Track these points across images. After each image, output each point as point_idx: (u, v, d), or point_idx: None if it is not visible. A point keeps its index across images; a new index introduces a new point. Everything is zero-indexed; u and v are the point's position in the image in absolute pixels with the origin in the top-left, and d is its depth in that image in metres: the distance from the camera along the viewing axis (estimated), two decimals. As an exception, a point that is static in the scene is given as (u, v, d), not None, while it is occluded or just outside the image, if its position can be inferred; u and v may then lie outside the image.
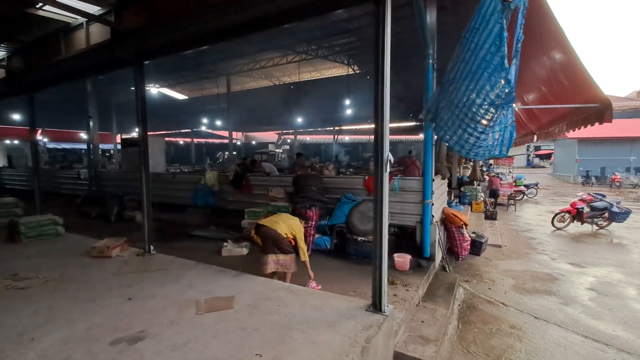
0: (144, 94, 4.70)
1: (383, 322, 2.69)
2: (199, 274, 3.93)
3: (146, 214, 4.76)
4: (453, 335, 3.62)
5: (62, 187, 12.55)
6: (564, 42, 4.80)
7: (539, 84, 6.60)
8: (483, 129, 3.99)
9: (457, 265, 5.88)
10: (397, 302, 3.72)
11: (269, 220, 4.20)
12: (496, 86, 3.67)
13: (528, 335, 3.65)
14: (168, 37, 4.12)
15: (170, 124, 30.99)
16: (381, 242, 2.81)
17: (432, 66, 5.06)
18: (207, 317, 2.85)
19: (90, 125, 11.67)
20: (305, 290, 3.39)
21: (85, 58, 5.35)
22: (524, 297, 4.71)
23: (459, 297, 4.57)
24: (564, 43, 4.79)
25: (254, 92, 20.90)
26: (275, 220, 4.20)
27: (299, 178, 6.20)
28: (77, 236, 6.05)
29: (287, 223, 4.19)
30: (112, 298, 3.35)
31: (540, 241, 7.92)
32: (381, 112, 2.73)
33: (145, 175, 4.69)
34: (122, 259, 4.60)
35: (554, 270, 5.84)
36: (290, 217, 4.36)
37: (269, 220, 4.21)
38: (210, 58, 13.62)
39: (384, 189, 2.76)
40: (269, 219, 4.23)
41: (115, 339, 2.55)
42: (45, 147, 27.04)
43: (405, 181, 5.56)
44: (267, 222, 4.17)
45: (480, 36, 3.74)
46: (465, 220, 5.92)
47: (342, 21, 9.86)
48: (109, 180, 10.97)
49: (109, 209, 8.94)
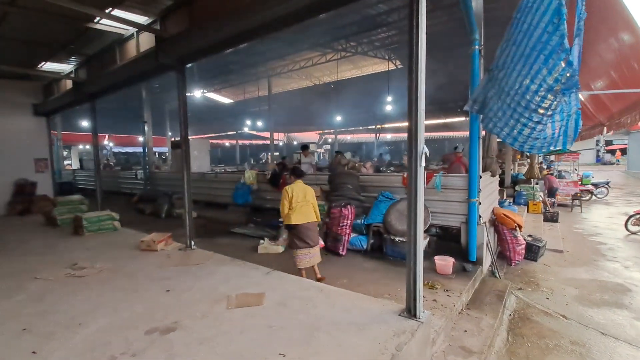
0: (185, 97, 4.91)
1: (417, 329, 2.47)
2: (233, 270, 3.99)
3: (187, 211, 4.97)
4: (501, 348, 3.24)
5: (122, 187, 13.84)
6: (632, 22, 4.18)
7: (608, 69, 5.79)
8: (540, 119, 3.57)
9: (508, 271, 5.33)
10: (437, 308, 3.43)
11: (302, 215, 4.11)
12: (555, 69, 3.25)
13: (593, 353, 3.15)
14: (206, 39, 4.26)
15: (217, 127, 32.72)
16: (415, 241, 2.59)
17: (478, 52, 4.66)
18: (237, 312, 2.86)
19: (145, 130, 12.66)
20: (336, 291, 3.26)
21: (135, 66, 5.76)
22: (589, 310, 4.10)
23: (509, 306, 4.12)
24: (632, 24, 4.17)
25: (294, 92, 21.23)
26: (307, 212, 4.14)
27: (334, 176, 6.09)
28: (131, 231, 6.55)
29: (315, 206, 4.20)
30: (153, 289, 3.52)
31: (611, 247, 6.92)
32: (415, 100, 2.51)
33: (187, 174, 4.90)
34: (165, 253, 4.86)
35: (627, 280, 5.04)
36: (309, 191, 4.24)
37: (302, 214, 4.11)
38: (251, 60, 14.05)
39: (418, 183, 2.54)
40: (302, 213, 4.11)
41: (151, 329, 2.65)
42: (112, 151, 30.12)
43: (448, 178, 5.18)
44: (302, 218, 4.10)
45: (535, 15, 3.34)
46: (519, 221, 5.35)
47: (381, 14, 9.55)
48: (161, 180, 11.84)
49: (160, 207, 9.62)
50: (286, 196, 4.08)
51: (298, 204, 4.09)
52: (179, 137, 5.75)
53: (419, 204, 2.57)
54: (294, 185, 4.20)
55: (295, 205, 4.08)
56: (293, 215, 4.08)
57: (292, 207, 4.08)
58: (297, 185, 4.21)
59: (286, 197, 4.08)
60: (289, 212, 4.09)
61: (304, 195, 4.16)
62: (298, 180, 4.29)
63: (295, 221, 4.08)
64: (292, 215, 4.08)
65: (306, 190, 4.23)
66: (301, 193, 4.16)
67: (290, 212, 4.08)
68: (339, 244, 5.34)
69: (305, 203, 4.15)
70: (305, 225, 4.12)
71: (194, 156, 10.70)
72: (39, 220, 7.77)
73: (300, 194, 4.14)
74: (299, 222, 4.09)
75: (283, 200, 4.09)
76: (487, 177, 5.47)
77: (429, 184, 5.29)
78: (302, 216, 4.11)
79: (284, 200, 4.08)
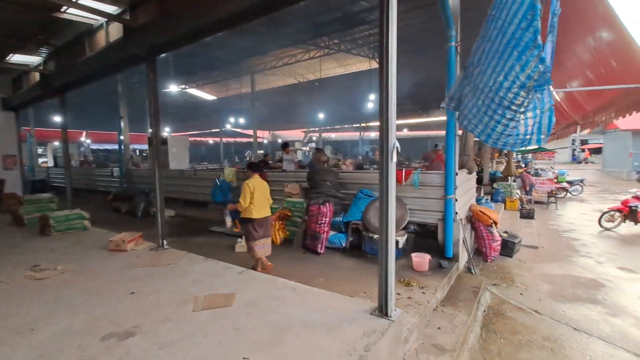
0: (156, 90, 4.72)
1: (388, 328, 2.41)
2: (205, 270, 3.86)
3: (159, 209, 4.79)
4: (474, 345, 3.24)
5: (98, 185, 13.36)
6: (611, 18, 4.19)
7: (584, 69, 5.90)
8: (513, 115, 3.56)
9: (484, 267, 5.38)
10: (411, 305, 3.40)
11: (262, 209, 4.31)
12: (528, 66, 3.24)
13: (565, 349, 3.18)
14: (177, 29, 4.09)
15: (200, 124, 32.10)
16: (387, 238, 2.53)
17: (455, 49, 4.64)
18: (203, 314, 2.73)
19: (121, 125, 12.22)
20: (310, 290, 3.18)
21: (104, 57, 5.51)
22: (563, 306, 4.17)
23: (484, 303, 4.14)
24: (612, 19, 4.18)
25: (278, 90, 21.02)
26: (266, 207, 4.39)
27: (313, 173, 6.01)
28: (101, 230, 6.28)
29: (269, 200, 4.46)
30: (117, 291, 3.34)
31: (585, 243, 7.12)
32: (386, 93, 2.45)
33: (158, 170, 4.71)
34: (136, 253, 4.66)
35: (600, 276, 5.17)
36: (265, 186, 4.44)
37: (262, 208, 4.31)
38: (233, 56, 13.78)
39: (389, 179, 2.48)
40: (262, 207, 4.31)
41: (108, 334, 2.49)
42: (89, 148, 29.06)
43: (426, 175, 5.18)
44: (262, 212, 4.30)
45: (509, 10, 3.32)
46: (494, 218, 5.41)
47: (363, 11, 9.50)
48: (138, 177, 11.46)
49: (136, 205, 9.30)
50: (248, 191, 4.19)
51: (258, 198, 4.27)
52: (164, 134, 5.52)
53: (391, 199, 2.51)
54: (254, 180, 4.32)
55: (256, 200, 4.23)
56: (254, 210, 4.24)
57: (252, 202, 4.22)
58: (257, 180, 4.35)
59: (248, 191, 4.19)
60: (249, 206, 4.22)
61: (262, 190, 4.37)
62: (255, 174, 4.41)
63: (255, 215, 4.25)
64: (252, 209, 4.23)
65: (263, 185, 4.45)
66: (260, 188, 4.34)
67: (251, 207, 4.22)
68: (317, 242, 5.26)
69: (263, 198, 4.37)
70: (264, 219, 4.35)
71: (172, 153, 10.45)
72: (5, 219, 7.36)
73: (260, 189, 4.32)
74: (259, 216, 4.28)
75: (244, 195, 4.19)
76: (463, 174, 5.50)
77: (407, 180, 5.28)
78: (262, 210, 4.32)
79: (246, 194, 4.18)
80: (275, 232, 5.85)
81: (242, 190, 4.22)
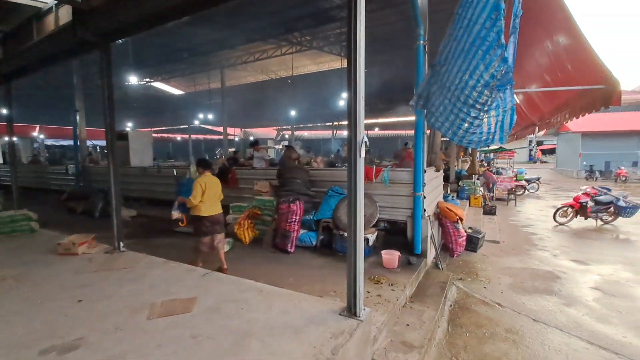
0: (111, 79, 4.35)
1: (356, 329, 2.35)
2: (165, 273, 3.60)
3: (114, 208, 4.43)
4: (442, 340, 3.27)
5: (52, 183, 12.34)
6: (569, 23, 4.37)
7: (542, 72, 6.20)
8: (477, 114, 3.62)
9: (451, 263, 5.52)
10: (381, 303, 3.37)
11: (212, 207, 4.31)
12: (491, 65, 3.28)
13: (525, 340, 3.29)
14: (132, 12, 3.76)
15: (168, 120, 30.69)
16: (355, 237, 2.46)
17: (423, 48, 4.68)
18: (159, 322, 2.52)
19: (77, 119, 11.34)
20: (277, 292, 3.05)
21: (52, 42, 5.01)
22: (522, 297, 4.35)
23: (450, 297, 4.22)
24: (570, 24, 4.36)
25: (250, 86, 20.53)
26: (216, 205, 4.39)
27: (283, 170, 5.86)
28: (51, 233, 5.76)
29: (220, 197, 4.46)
30: (62, 300, 3.02)
31: (541, 237, 7.55)
32: (354, 85, 2.36)
33: (112, 167, 4.35)
34: (87, 257, 4.28)
35: (556, 268, 5.47)
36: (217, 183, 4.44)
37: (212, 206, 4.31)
38: (201, 48, 13.23)
39: (358, 175, 2.40)
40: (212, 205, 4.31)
41: (47, 348, 2.22)
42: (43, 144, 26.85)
43: (396, 172, 5.21)
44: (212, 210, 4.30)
45: (475, 10, 3.35)
46: (460, 214, 5.55)
47: (334, 8, 9.44)
48: (96, 175, 10.69)
49: (93, 205, 8.66)
50: (199, 190, 4.18)
51: (209, 196, 4.26)
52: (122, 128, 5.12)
53: (360, 195, 2.44)
54: (205, 178, 4.30)
55: (206, 198, 4.23)
56: (203, 207, 4.23)
57: (203, 200, 4.20)
58: (208, 178, 4.33)
59: (199, 190, 4.18)
60: (199, 204, 4.21)
61: (214, 188, 4.36)
62: (206, 172, 4.40)
63: (205, 213, 4.25)
64: (202, 207, 4.22)
65: (215, 182, 4.43)
66: (212, 186, 4.33)
67: (200, 205, 4.21)
68: (287, 241, 5.13)
69: (214, 195, 4.37)
70: (214, 216, 4.35)
71: (134, 149, 9.84)
72: None
73: (212, 187, 4.31)
74: (209, 213, 4.28)
75: (195, 193, 4.17)
76: (431, 171, 5.60)
77: (377, 178, 5.29)
78: (212, 208, 4.32)
79: (197, 193, 4.17)
80: (244, 231, 5.66)
81: (193, 188, 4.20)
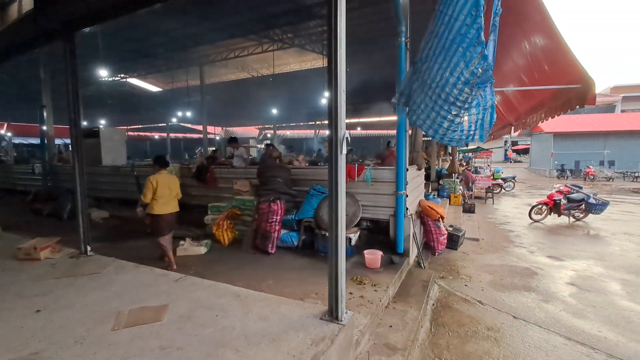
0: (76, 72, 4.06)
1: (338, 334, 2.25)
2: (135, 279, 3.38)
3: (80, 209, 4.15)
4: (424, 340, 3.22)
5: (17, 184, 11.61)
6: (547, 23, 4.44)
7: (519, 73, 6.32)
8: (457, 112, 3.59)
9: (433, 261, 5.53)
10: (363, 305, 3.29)
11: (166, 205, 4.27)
12: (471, 63, 3.24)
13: (506, 338, 3.30)
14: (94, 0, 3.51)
15: (145, 118, 29.62)
16: (337, 238, 2.36)
17: (404, 45, 4.65)
18: (124, 333, 2.32)
19: (44, 116, 10.68)
20: (255, 296, 2.90)
21: (12, 32, 4.63)
22: (502, 294, 4.39)
23: (433, 296, 4.21)
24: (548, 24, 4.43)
25: (231, 84, 20.09)
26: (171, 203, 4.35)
27: (264, 169, 5.70)
28: (13, 236, 5.36)
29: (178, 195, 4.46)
30: (19, 310, 2.77)
31: (518, 234, 7.73)
32: (335, 80, 2.26)
33: (78, 165, 4.07)
34: (51, 262, 3.98)
35: (533, 264, 5.59)
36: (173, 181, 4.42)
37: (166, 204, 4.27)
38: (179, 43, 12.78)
39: (339, 172, 2.30)
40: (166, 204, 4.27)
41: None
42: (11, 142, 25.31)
43: (378, 171, 5.16)
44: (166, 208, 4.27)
45: (455, 6, 3.30)
46: (442, 212, 5.57)
47: (316, 5, 9.32)
48: (65, 175, 10.11)
49: (61, 206, 8.17)
50: (150, 188, 4.15)
51: (162, 195, 4.23)
52: (95, 125, 4.82)
53: (341, 194, 2.34)
54: (159, 176, 4.25)
55: (159, 196, 4.19)
56: (156, 206, 4.21)
57: (155, 198, 4.18)
58: (162, 176, 4.29)
59: (150, 188, 4.15)
60: (152, 202, 4.20)
61: (168, 186, 4.31)
62: (162, 170, 4.37)
63: (159, 211, 4.22)
64: (155, 205, 4.20)
65: (171, 180, 4.39)
66: (166, 184, 4.28)
67: (153, 202, 4.20)
68: (268, 241, 4.97)
69: (169, 193, 4.32)
70: (169, 214, 4.33)
71: (106, 147, 9.36)
72: None
73: (165, 185, 4.26)
74: (163, 212, 4.25)
75: (146, 191, 4.16)
76: (413, 170, 5.59)
77: (360, 177, 5.22)
78: (166, 207, 4.29)
79: (148, 191, 4.15)
80: (223, 232, 5.46)
81: (145, 185, 4.19)
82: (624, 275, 5.08)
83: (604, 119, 24.75)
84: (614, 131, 22.61)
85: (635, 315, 3.81)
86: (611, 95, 29.68)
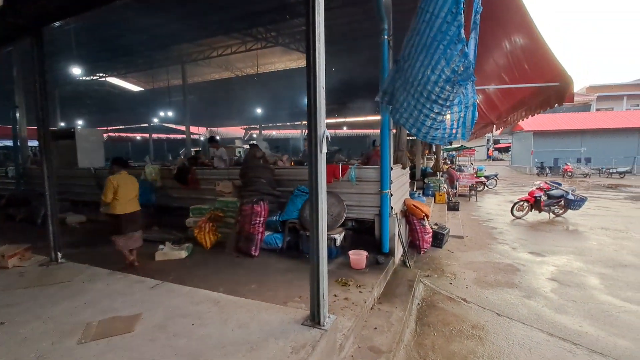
0: (43, 69, 3.83)
1: (320, 339, 2.17)
2: (108, 287, 3.21)
3: (50, 214, 3.93)
4: (410, 341, 3.19)
5: (-12, 188, 11.03)
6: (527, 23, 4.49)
7: (500, 73, 6.40)
8: (439, 109, 3.57)
9: (418, 260, 5.53)
10: (348, 307, 3.23)
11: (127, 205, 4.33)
12: (452, 60, 3.22)
13: (491, 336, 3.30)
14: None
15: (125, 118, 28.81)
16: (318, 239, 2.28)
17: (387, 43, 4.62)
18: (92, 346, 2.18)
19: (16, 117, 10.18)
20: (234, 302, 2.79)
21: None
22: (486, 292, 4.42)
23: (418, 295, 4.19)
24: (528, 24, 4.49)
25: (214, 83, 19.77)
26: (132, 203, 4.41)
27: (247, 170, 5.56)
28: (-21, 244, 5.03)
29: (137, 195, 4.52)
30: (-21, 324, 2.57)
31: (501, 231, 7.86)
32: (314, 74, 2.19)
33: (47, 167, 3.86)
34: (19, 270, 3.75)
35: (515, 261, 5.67)
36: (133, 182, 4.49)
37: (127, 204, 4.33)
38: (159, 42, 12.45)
39: (319, 173, 2.23)
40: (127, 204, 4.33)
41: (-55, 389, 1.83)
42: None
43: (363, 170, 5.12)
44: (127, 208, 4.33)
45: (436, 4, 3.29)
46: (426, 211, 5.58)
47: (299, 3, 9.22)
48: (40, 178, 9.62)
49: (34, 211, 7.79)
50: (111, 187, 4.21)
51: (124, 195, 4.29)
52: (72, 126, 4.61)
53: (321, 194, 2.26)
54: (119, 177, 4.31)
55: (120, 196, 4.24)
56: (118, 206, 4.26)
57: (117, 198, 4.24)
58: (122, 177, 4.35)
59: (111, 188, 4.21)
60: (113, 201, 4.25)
61: (129, 187, 4.39)
62: (123, 170, 4.43)
63: (120, 211, 4.28)
64: (117, 205, 4.26)
65: (131, 180, 4.46)
66: (127, 184, 4.35)
67: (115, 202, 4.24)
68: (252, 244, 4.86)
69: (130, 193, 4.39)
70: (130, 214, 4.39)
71: (82, 149, 9.00)
72: None
73: (126, 185, 4.33)
74: (124, 212, 4.31)
75: (107, 191, 4.20)
76: (398, 169, 5.57)
77: (344, 176, 5.16)
78: (127, 206, 4.34)
79: (108, 191, 4.20)
80: (205, 235, 5.31)
81: (105, 185, 4.23)
82: (602, 269, 5.21)
83: (580, 117, 25.63)
84: (590, 129, 23.42)
85: (614, 309, 3.90)
86: (587, 95, 30.77)
